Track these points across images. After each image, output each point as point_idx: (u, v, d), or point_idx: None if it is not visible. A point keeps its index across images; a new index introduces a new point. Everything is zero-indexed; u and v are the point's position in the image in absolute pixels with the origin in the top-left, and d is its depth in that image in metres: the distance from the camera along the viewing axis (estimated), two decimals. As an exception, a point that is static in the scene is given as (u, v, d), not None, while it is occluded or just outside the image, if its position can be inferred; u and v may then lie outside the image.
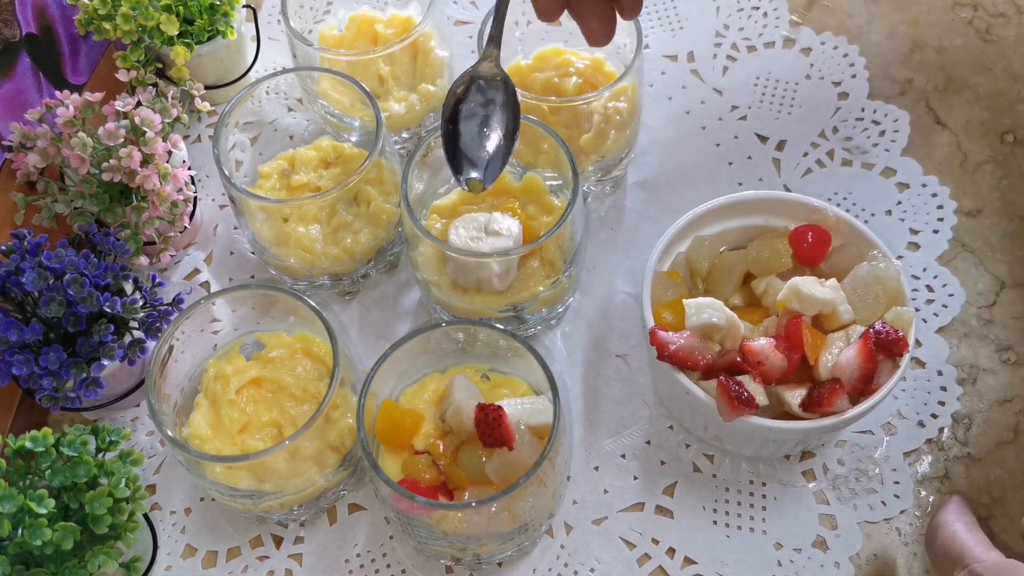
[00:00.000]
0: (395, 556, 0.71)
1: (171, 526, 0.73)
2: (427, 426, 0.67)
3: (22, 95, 0.82)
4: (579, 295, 0.81)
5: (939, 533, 0.65)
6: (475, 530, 0.62)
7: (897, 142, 0.87)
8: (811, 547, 0.69)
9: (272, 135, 0.89)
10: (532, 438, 0.63)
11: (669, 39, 0.96)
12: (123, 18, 0.84)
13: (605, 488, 0.73)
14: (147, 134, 0.77)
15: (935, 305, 0.79)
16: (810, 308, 0.67)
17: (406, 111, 0.86)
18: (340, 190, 0.73)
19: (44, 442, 0.63)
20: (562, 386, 0.64)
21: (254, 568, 0.71)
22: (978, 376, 0.76)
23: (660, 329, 0.66)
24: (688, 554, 0.70)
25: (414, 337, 0.66)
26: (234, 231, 0.87)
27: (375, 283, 0.84)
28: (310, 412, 0.67)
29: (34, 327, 0.68)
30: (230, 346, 0.73)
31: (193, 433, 0.68)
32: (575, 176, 0.70)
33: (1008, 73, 0.90)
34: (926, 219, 0.83)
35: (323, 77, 0.84)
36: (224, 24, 0.88)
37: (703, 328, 0.66)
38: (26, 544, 0.59)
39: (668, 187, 0.87)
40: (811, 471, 0.72)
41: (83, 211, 0.78)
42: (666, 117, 0.91)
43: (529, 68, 0.84)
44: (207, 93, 0.89)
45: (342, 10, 0.91)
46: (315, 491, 0.68)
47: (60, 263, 0.69)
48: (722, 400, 0.63)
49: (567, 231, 0.70)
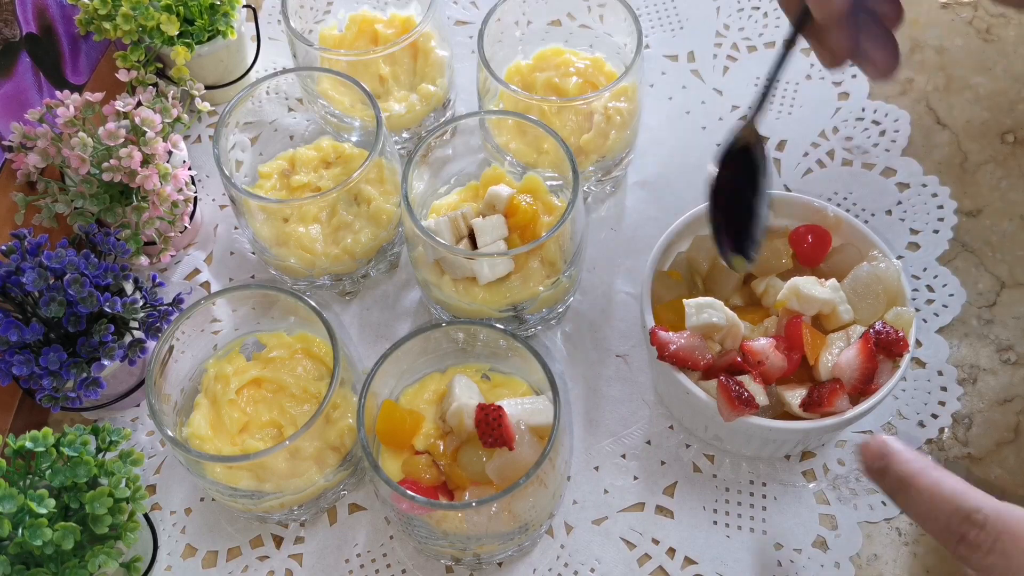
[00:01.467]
0: (395, 556, 0.71)
1: (171, 526, 0.73)
2: (427, 426, 0.67)
3: (22, 95, 0.82)
4: (579, 295, 0.81)
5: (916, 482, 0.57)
6: (475, 530, 0.62)
7: (897, 142, 0.87)
8: (811, 547, 0.69)
9: (272, 135, 0.89)
10: (532, 438, 0.63)
11: (669, 39, 0.96)
12: (123, 18, 0.84)
13: (605, 488, 0.73)
14: (147, 134, 0.77)
15: (935, 305, 0.79)
16: (810, 308, 0.67)
17: (406, 111, 0.86)
18: (340, 190, 0.73)
19: (44, 442, 0.63)
20: (562, 386, 0.64)
21: (254, 568, 0.71)
22: (978, 376, 0.76)
23: (660, 329, 0.66)
24: (688, 554, 0.70)
25: (414, 337, 0.66)
26: (234, 231, 0.87)
27: (375, 283, 0.84)
28: (310, 412, 0.67)
29: (34, 327, 0.68)
30: (230, 346, 0.73)
31: (193, 433, 0.68)
32: (575, 176, 0.70)
33: (1008, 73, 0.90)
34: (926, 219, 0.83)
35: (323, 77, 0.84)
36: (224, 24, 0.88)
37: (703, 328, 0.66)
38: (26, 544, 0.59)
39: (668, 187, 0.87)
40: (811, 471, 0.72)
41: (83, 211, 0.78)
42: (666, 117, 0.91)
43: (529, 68, 0.84)
44: (207, 93, 0.89)
45: (342, 10, 0.91)
46: (315, 491, 0.68)
47: (60, 263, 0.69)
48: (722, 400, 0.63)
49: (567, 231, 0.70)
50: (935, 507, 0.54)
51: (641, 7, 0.98)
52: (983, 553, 0.52)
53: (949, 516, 0.53)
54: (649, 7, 0.98)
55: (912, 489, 0.55)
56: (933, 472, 0.56)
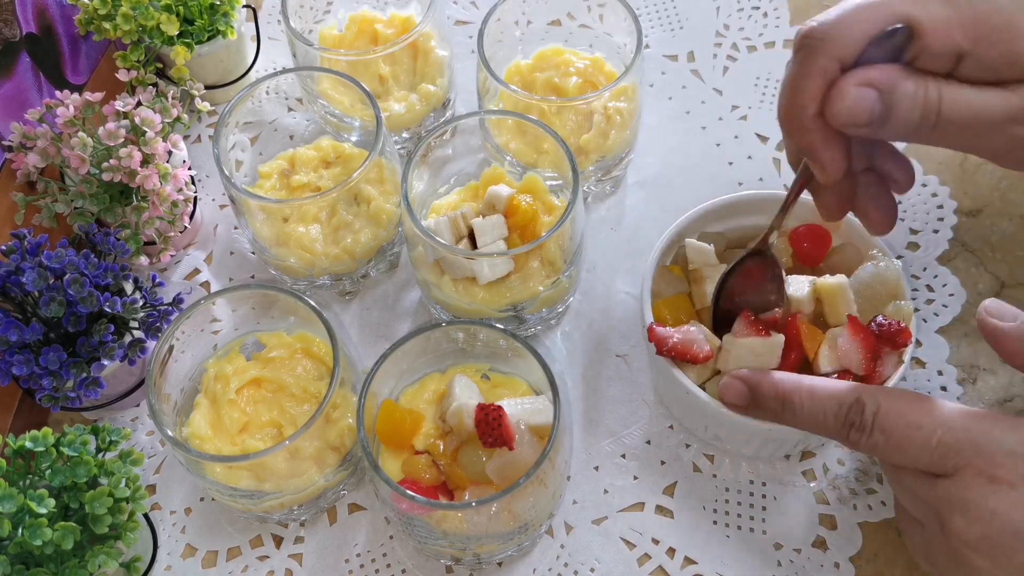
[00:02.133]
0: (395, 556, 0.71)
1: (171, 526, 0.73)
2: (427, 426, 0.67)
3: (22, 95, 0.82)
4: (579, 295, 0.81)
5: (796, 396, 0.60)
6: (475, 530, 0.62)
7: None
8: (811, 547, 0.69)
9: (272, 135, 0.89)
10: (532, 438, 0.63)
11: (669, 39, 0.96)
12: (123, 18, 0.84)
13: (605, 488, 0.73)
14: (147, 134, 0.77)
15: (935, 305, 0.79)
16: (803, 307, 0.67)
17: (406, 111, 0.86)
18: (340, 190, 0.73)
19: (44, 442, 0.63)
20: (562, 386, 0.64)
21: (254, 568, 0.71)
22: (978, 376, 0.76)
23: (657, 326, 0.66)
24: (688, 554, 0.70)
25: (414, 337, 0.66)
26: (234, 231, 0.87)
27: (375, 283, 0.84)
28: (310, 412, 0.67)
29: (34, 327, 0.68)
30: (230, 346, 0.73)
31: (193, 433, 0.68)
32: (575, 176, 0.70)
33: (1008, 73, 0.90)
34: (926, 219, 0.83)
35: (323, 77, 0.84)
36: (224, 24, 0.88)
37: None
38: (26, 544, 0.59)
39: (668, 187, 0.87)
40: (811, 471, 0.72)
41: (83, 211, 0.78)
42: (666, 117, 0.91)
43: (529, 68, 0.84)
44: (207, 93, 0.89)
45: (342, 10, 0.91)
46: (315, 491, 0.68)
47: (60, 263, 0.69)
48: (744, 324, 0.64)
49: (567, 231, 0.70)
50: (821, 409, 0.59)
51: (641, 7, 0.98)
52: (867, 433, 0.57)
53: (836, 413, 0.58)
54: (649, 7, 0.98)
55: (794, 403, 0.60)
56: (805, 382, 0.60)
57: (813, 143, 0.57)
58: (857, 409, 0.57)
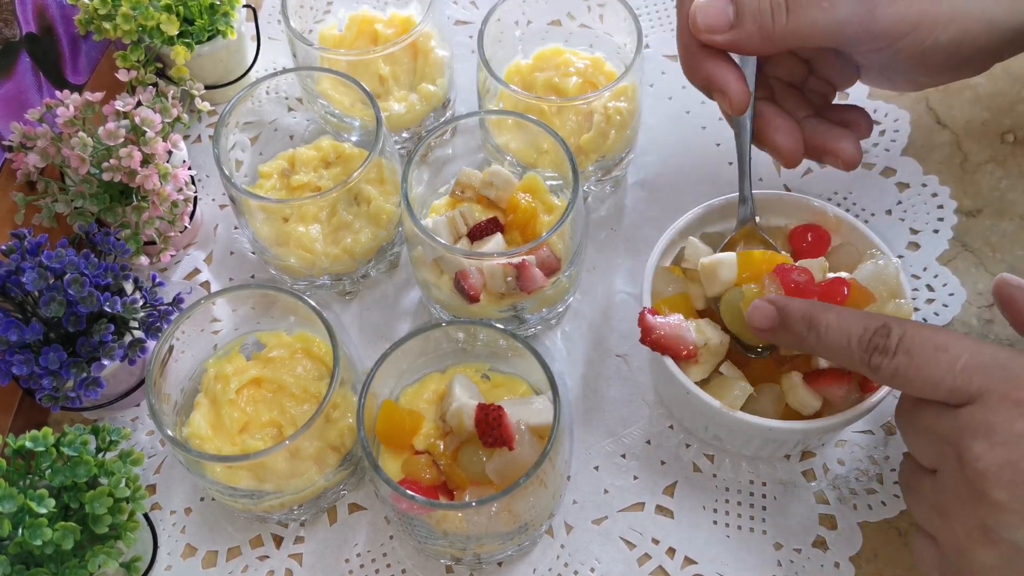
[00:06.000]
0: (395, 556, 0.71)
1: (171, 526, 0.73)
2: (427, 426, 0.67)
3: (22, 95, 0.82)
4: (579, 295, 0.81)
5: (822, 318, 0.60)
6: (475, 530, 0.63)
7: (897, 142, 0.87)
8: (811, 547, 0.69)
9: (272, 135, 0.89)
10: (532, 438, 0.63)
11: (669, 39, 0.96)
12: (123, 18, 0.84)
13: (605, 488, 0.73)
14: (147, 134, 0.77)
15: (935, 305, 0.79)
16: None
17: (406, 111, 0.86)
18: (340, 190, 0.73)
19: (44, 442, 0.63)
20: (562, 386, 0.64)
21: (254, 568, 0.71)
22: (978, 376, 0.76)
23: (651, 313, 0.66)
24: (688, 554, 0.70)
25: (414, 337, 0.66)
26: (234, 231, 0.87)
27: (375, 283, 0.84)
28: (310, 412, 0.67)
29: (34, 327, 0.68)
30: (230, 346, 0.73)
31: (193, 433, 0.68)
32: (575, 176, 0.70)
33: (1008, 73, 0.90)
34: (926, 219, 0.83)
35: (323, 77, 0.84)
36: (224, 24, 0.88)
37: None
38: (26, 544, 0.59)
39: (668, 187, 0.87)
40: (811, 471, 0.72)
41: (83, 211, 0.78)
42: (666, 117, 0.91)
43: (529, 68, 0.84)
44: (207, 93, 0.89)
45: (342, 10, 0.91)
46: (315, 491, 0.68)
47: (60, 263, 0.69)
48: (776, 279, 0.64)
49: (567, 231, 0.70)
50: (846, 331, 0.58)
51: (641, 7, 0.98)
52: (890, 356, 0.56)
53: (860, 336, 0.57)
54: (649, 7, 0.98)
55: (820, 325, 0.59)
56: (833, 307, 0.60)
57: (710, 73, 0.66)
58: (883, 332, 0.56)
